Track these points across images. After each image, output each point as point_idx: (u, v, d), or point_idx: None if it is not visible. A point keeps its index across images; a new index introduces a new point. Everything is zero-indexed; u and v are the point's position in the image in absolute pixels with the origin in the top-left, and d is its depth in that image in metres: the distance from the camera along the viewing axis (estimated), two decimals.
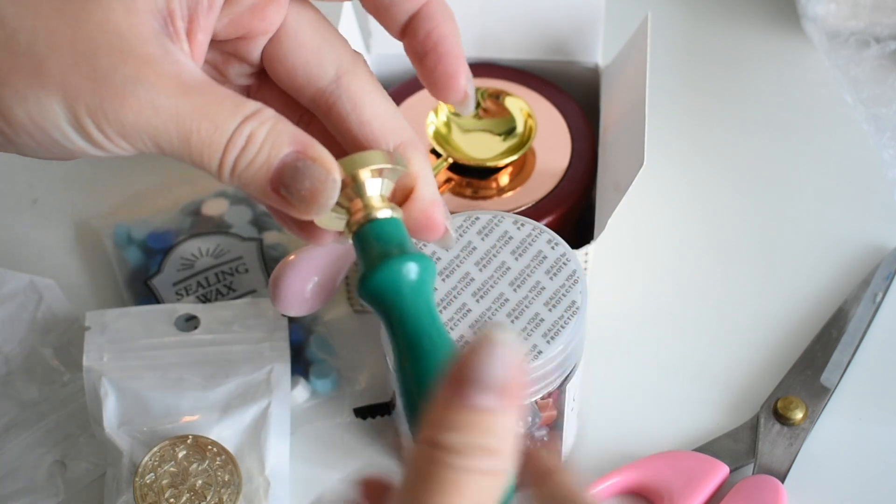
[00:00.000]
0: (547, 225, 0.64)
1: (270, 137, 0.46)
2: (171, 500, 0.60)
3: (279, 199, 0.46)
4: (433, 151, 0.68)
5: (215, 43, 0.50)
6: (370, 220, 0.47)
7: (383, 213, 0.47)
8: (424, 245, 0.57)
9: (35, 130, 0.45)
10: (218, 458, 0.61)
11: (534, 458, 0.41)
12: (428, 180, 0.50)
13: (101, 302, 0.70)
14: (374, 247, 0.47)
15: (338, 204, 0.47)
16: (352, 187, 0.47)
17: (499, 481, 0.37)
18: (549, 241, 0.58)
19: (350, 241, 0.48)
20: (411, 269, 0.46)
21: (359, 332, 0.68)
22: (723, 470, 0.61)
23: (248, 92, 0.52)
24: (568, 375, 0.58)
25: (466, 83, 0.50)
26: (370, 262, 0.46)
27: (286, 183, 0.46)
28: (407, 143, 0.50)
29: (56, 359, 0.66)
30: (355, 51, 0.51)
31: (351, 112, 0.50)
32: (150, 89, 0.44)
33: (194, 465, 0.61)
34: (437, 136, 0.68)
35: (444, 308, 0.56)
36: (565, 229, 0.65)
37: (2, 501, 0.62)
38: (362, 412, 0.65)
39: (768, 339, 0.68)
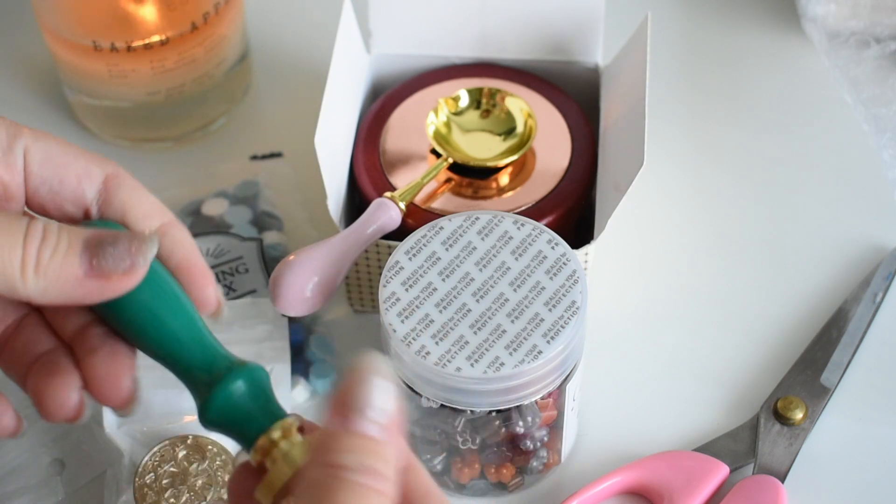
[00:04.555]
0: (547, 225, 0.65)
1: (64, 229, 0.46)
2: (171, 500, 0.60)
3: (95, 276, 0.45)
4: (433, 151, 0.68)
5: None
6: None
7: None
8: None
9: None
10: (218, 459, 0.61)
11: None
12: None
13: None
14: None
15: None
16: None
17: (386, 501, 0.41)
18: (549, 241, 0.58)
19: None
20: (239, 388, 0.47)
21: (359, 332, 0.68)
22: (723, 470, 0.61)
23: None
24: (568, 375, 0.58)
25: (216, 292, 0.50)
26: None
27: (102, 249, 0.45)
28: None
29: None
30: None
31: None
32: None
33: (194, 465, 0.61)
34: (437, 136, 0.68)
35: (444, 308, 0.56)
36: (565, 229, 0.65)
37: (1, 500, 0.62)
38: None
39: (768, 339, 0.68)
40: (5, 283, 0.44)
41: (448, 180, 0.67)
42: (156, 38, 0.71)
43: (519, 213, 0.65)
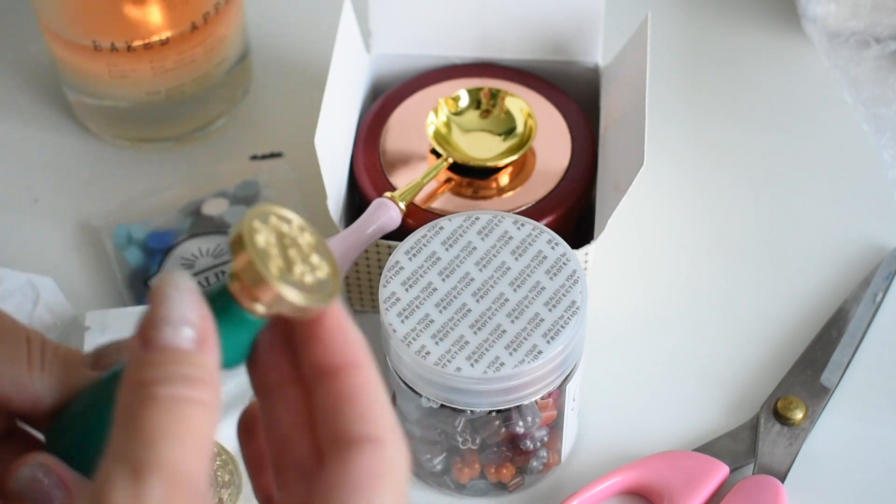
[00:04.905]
0: (547, 225, 0.65)
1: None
2: None
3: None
4: (433, 151, 0.68)
5: None
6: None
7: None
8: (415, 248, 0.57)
9: None
10: (218, 458, 0.61)
11: None
12: None
13: (101, 302, 0.70)
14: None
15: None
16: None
17: (210, 414, 0.38)
18: (549, 241, 0.58)
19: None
20: None
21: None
22: (723, 470, 0.61)
23: None
24: (568, 375, 0.58)
25: None
26: None
27: (105, 354, 0.44)
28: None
29: None
30: None
31: None
32: None
33: None
34: (437, 136, 0.68)
35: (444, 308, 0.56)
36: (565, 229, 0.65)
37: None
38: None
39: (768, 339, 0.68)
40: (12, 377, 0.43)
41: (448, 180, 0.67)
42: (156, 38, 0.71)
43: (519, 213, 0.65)
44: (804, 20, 0.79)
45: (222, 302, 0.41)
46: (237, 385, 0.63)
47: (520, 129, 0.68)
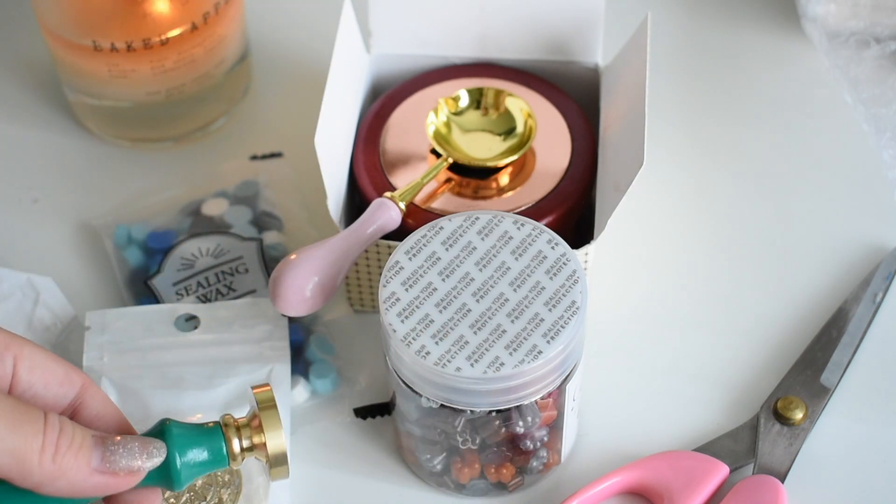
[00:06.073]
0: (547, 225, 0.65)
1: (77, 425, 0.49)
2: (172, 500, 0.60)
3: (104, 472, 0.49)
4: (433, 151, 0.68)
5: None
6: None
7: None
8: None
9: None
10: None
11: None
12: None
13: (101, 302, 0.70)
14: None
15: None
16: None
17: None
18: (549, 241, 0.58)
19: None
20: None
21: (359, 332, 0.68)
22: (723, 470, 0.61)
23: None
24: (568, 375, 0.58)
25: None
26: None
27: (115, 448, 0.49)
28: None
29: None
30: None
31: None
32: None
33: None
34: (437, 136, 0.68)
35: (444, 308, 0.56)
36: (565, 229, 0.65)
37: None
38: (362, 412, 0.65)
39: (768, 339, 0.68)
40: (20, 466, 0.47)
41: (448, 180, 0.67)
42: (156, 38, 0.71)
43: (519, 213, 0.65)
44: (804, 20, 0.79)
45: (213, 434, 0.53)
46: (237, 385, 0.63)
47: (520, 129, 0.69)
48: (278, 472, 0.54)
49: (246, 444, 0.53)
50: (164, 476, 0.52)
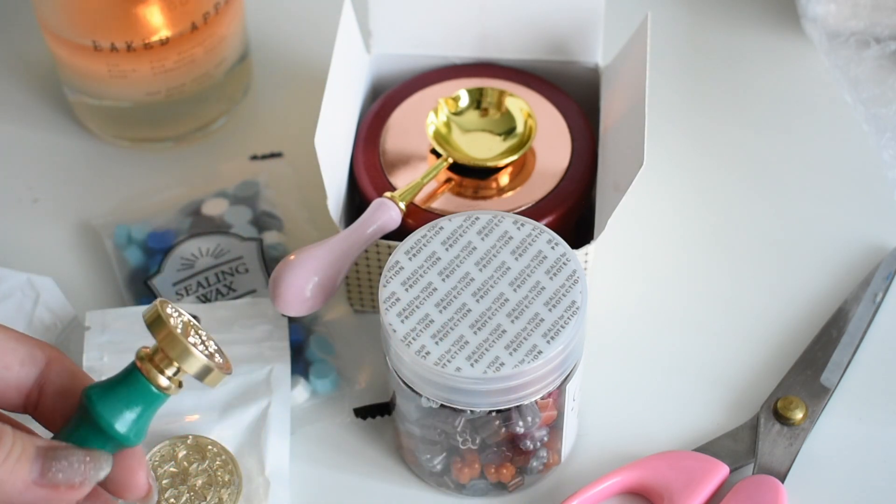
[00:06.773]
0: (547, 225, 0.65)
1: (18, 435, 0.47)
2: (171, 500, 0.60)
3: (44, 485, 0.47)
4: (433, 151, 0.68)
5: None
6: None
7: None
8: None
9: None
10: (218, 458, 0.61)
11: None
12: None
13: (101, 302, 0.70)
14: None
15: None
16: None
17: None
18: (549, 241, 0.58)
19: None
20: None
21: (359, 332, 0.68)
22: (723, 470, 0.61)
23: None
24: (568, 375, 0.58)
25: (147, 478, 0.51)
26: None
27: (57, 461, 0.47)
28: None
29: None
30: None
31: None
32: None
33: (194, 465, 0.61)
34: (437, 136, 0.68)
35: (444, 308, 0.56)
36: (565, 229, 0.65)
37: None
38: (362, 412, 0.65)
39: (768, 339, 0.68)
40: None
41: (448, 180, 0.67)
42: (156, 38, 0.71)
43: (519, 213, 0.65)
44: (804, 20, 0.79)
45: (133, 380, 0.50)
46: (237, 385, 0.63)
47: (520, 129, 0.69)
48: (211, 381, 0.50)
49: (170, 372, 0.50)
50: (115, 443, 0.49)
